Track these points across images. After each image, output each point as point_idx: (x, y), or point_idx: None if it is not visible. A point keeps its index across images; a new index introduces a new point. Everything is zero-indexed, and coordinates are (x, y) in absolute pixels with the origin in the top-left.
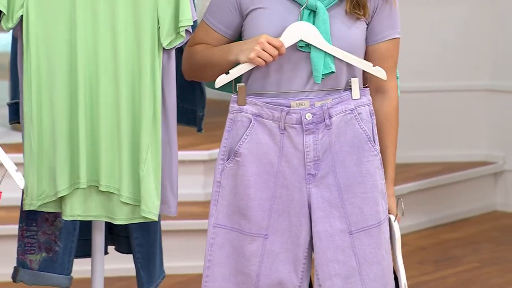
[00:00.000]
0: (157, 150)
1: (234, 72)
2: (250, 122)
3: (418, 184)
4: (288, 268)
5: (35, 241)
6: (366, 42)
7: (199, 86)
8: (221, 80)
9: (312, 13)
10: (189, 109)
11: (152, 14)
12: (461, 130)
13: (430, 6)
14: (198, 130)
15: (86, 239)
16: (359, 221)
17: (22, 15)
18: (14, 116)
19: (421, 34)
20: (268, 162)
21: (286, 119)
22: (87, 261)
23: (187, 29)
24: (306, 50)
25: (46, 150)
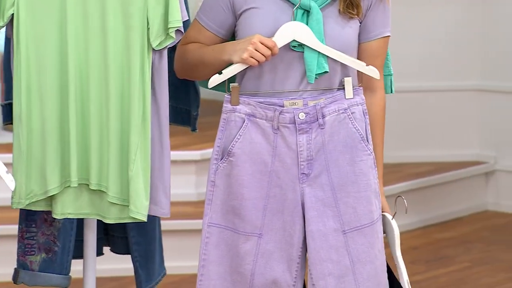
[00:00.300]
0: (146, 150)
1: (227, 72)
2: (244, 122)
3: (409, 184)
4: (282, 267)
5: (35, 242)
6: (358, 40)
7: (193, 86)
8: (214, 80)
9: (305, 12)
10: (183, 108)
11: (142, 14)
12: (452, 130)
13: (420, 7)
14: (193, 130)
15: (82, 240)
16: (353, 220)
17: (13, 14)
18: (8, 117)
19: (412, 35)
20: (261, 161)
21: (280, 119)
22: (79, 261)
23: (179, 29)
24: (299, 50)
25: (35, 149)
